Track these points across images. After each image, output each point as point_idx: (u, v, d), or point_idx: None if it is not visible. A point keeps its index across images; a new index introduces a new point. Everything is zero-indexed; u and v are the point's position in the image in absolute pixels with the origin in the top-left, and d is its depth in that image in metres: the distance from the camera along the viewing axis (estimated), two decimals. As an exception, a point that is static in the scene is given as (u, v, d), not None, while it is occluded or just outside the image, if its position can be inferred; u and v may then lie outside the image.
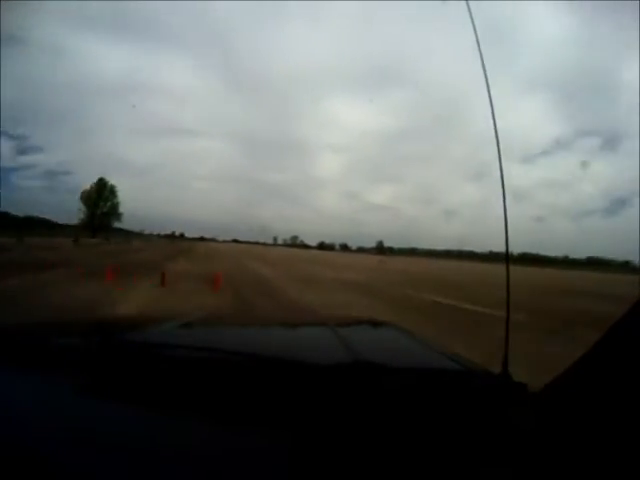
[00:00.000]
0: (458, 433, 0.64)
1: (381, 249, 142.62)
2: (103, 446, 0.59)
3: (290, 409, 0.70)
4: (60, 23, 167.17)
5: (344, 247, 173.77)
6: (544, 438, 0.62)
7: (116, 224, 76.52)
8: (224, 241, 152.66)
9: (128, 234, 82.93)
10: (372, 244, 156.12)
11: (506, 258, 0.93)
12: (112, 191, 73.01)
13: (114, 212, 73.77)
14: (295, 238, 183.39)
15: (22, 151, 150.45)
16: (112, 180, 75.01)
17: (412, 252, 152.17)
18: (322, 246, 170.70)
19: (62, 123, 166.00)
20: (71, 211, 71.56)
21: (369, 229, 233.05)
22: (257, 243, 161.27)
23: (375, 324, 1.82)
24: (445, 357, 1.14)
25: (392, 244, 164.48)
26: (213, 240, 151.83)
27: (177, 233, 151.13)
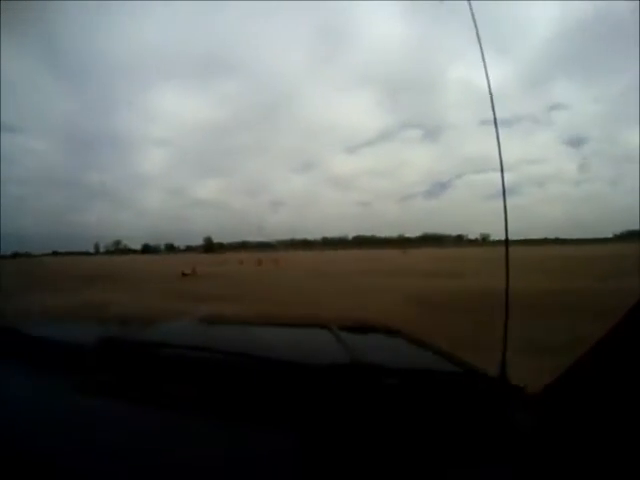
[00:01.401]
0: (456, 435, 0.65)
1: (209, 246, 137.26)
2: (102, 445, 0.61)
3: (290, 409, 0.72)
4: None
5: (170, 247, 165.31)
6: (542, 441, 0.63)
7: None
8: (43, 254, 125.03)
9: None
10: (201, 241, 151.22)
11: (505, 262, 0.91)
12: None
13: None
14: (118, 243, 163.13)
15: None
16: None
17: (243, 246, 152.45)
18: (146, 249, 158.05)
19: None
20: None
21: (197, 226, 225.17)
22: (80, 253, 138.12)
23: (374, 326, 1.79)
24: (443, 359, 1.12)
25: (222, 239, 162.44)
26: (27, 255, 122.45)
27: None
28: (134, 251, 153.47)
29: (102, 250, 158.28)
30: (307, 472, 0.58)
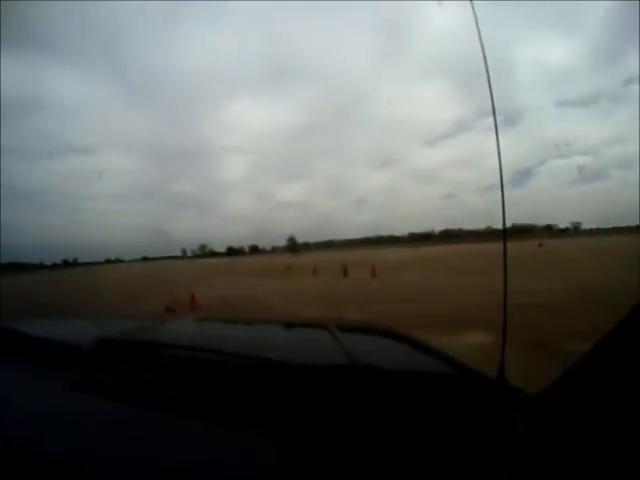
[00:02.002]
0: (453, 437, 0.65)
1: (294, 246, 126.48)
2: (100, 444, 0.60)
3: (287, 410, 0.71)
4: None
5: (254, 249, 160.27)
6: (539, 443, 0.62)
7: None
8: (132, 261, 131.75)
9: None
10: (285, 242, 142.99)
11: (504, 261, 0.88)
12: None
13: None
14: (204, 247, 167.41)
15: None
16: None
17: (329, 245, 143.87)
18: (230, 251, 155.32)
19: None
20: None
21: (282, 228, 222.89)
22: (168, 258, 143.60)
23: (373, 327, 1.75)
24: (442, 361, 1.08)
25: (307, 239, 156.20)
26: (119, 261, 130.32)
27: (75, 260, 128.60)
28: (219, 254, 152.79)
29: (189, 254, 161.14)
30: (303, 473, 0.59)
